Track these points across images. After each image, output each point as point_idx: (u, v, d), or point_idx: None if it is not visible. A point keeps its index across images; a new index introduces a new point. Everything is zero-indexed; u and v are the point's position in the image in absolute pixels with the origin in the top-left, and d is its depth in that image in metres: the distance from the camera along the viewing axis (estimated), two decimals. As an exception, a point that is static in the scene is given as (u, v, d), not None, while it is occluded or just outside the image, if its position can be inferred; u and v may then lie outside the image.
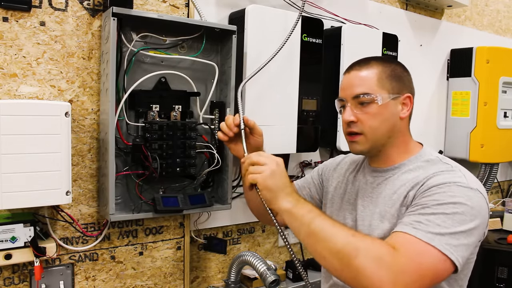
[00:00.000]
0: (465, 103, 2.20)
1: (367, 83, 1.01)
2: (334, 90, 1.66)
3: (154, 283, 1.43)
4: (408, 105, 1.04)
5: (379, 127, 1.01)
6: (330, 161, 1.28)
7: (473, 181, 0.95)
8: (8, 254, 1.10)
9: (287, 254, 1.77)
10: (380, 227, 0.99)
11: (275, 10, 1.46)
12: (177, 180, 1.37)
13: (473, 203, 0.89)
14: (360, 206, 1.06)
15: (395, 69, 1.05)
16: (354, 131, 1.02)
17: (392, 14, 2.00)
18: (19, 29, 1.15)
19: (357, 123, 1.02)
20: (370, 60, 1.05)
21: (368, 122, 1.01)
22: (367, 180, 1.08)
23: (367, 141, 1.02)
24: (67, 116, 1.12)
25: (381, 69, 1.03)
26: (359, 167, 1.15)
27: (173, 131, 1.30)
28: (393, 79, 1.03)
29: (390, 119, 1.02)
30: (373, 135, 1.02)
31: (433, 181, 0.93)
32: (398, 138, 1.04)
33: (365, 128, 1.01)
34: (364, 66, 1.03)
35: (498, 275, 1.93)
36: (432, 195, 0.91)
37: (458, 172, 0.96)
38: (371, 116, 1.00)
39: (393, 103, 1.02)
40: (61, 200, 1.13)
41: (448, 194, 0.89)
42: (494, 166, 2.33)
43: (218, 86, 1.42)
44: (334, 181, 1.19)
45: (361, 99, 1.01)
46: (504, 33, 2.65)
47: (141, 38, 1.28)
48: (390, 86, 1.02)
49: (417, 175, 0.99)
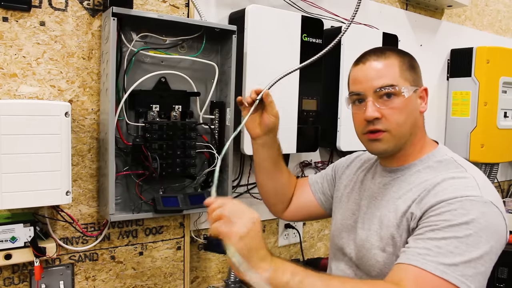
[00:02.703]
0: (465, 103, 2.20)
1: (391, 74, 0.92)
2: (334, 90, 1.66)
3: (154, 283, 1.43)
4: (424, 99, 0.97)
5: (405, 122, 0.92)
6: (345, 158, 1.24)
7: (488, 191, 0.84)
8: (8, 254, 1.10)
9: (287, 254, 1.77)
10: (378, 233, 0.94)
11: (275, 10, 1.46)
12: (177, 180, 1.37)
13: (488, 220, 0.79)
14: (363, 207, 1.03)
15: (411, 60, 0.97)
16: (378, 128, 0.92)
17: (392, 14, 2.00)
18: (19, 29, 1.15)
19: (381, 119, 0.92)
20: (385, 50, 0.97)
21: (394, 117, 0.91)
22: (375, 180, 1.04)
23: (392, 138, 0.93)
24: (67, 116, 1.12)
25: (400, 59, 0.94)
26: (370, 166, 1.10)
27: (173, 131, 1.30)
28: (412, 70, 0.95)
29: (414, 114, 0.94)
30: (398, 132, 0.92)
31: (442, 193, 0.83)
32: (417, 135, 0.96)
33: (391, 125, 0.91)
34: (381, 56, 0.94)
35: (498, 275, 1.93)
36: (442, 213, 0.80)
37: (471, 179, 0.85)
38: (397, 110, 0.91)
39: (414, 96, 0.94)
40: (61, 200, 1.13)
41: (460, 211, 0.79)
42: (494, 166, 2.33)
43: (218, 86, 1.42)
44: (345, 179, 1.15)
45: (385, 91, 0.91)
46: (504, 33, 2.65)
47: (141, 38, 1.28)
48: (411, 77, 0.94)
49: (426, 178, 0.90)
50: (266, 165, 1.19)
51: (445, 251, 0.75)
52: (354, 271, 1.03)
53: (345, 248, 1.06)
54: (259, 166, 1.21)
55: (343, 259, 1.07)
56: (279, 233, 1.73)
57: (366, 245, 0.97)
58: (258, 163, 1.21)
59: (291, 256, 1.77)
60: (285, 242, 1.75)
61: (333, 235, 1.13)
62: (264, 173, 1.20)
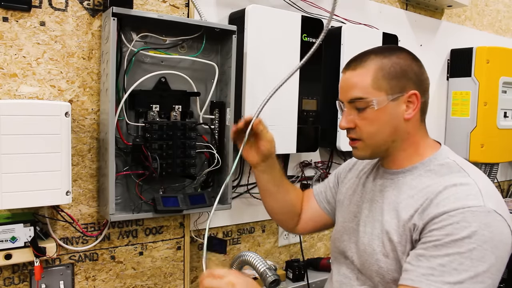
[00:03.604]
0: (465, 103, 2.20)
1: (361, 86, 0.92)
2: (334, 90, 1.65)
3: (154, 283, 1.43)
4: (414, 103, 0.93)
5: (378, 132, 0.93)
6: (347, 162, 1.24)
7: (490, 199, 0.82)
8: (8, 254, 1.10)
9: (287, 254, 1.77)
10: (380, 239, 0.93)
11: (275, 10, 1.46)
12: (177, 180, 1.37)
13: (492, 231, 0.77)
14: (365, 210, 1.02)
15: (396, 63, 0.93)
16: (353, 137, 0.96)
17: (392, 14, 2.00)
18: (19, 29, 1.15)
19: (355, 129, 0.95)
20: (369, 54, 0.95)
21: (366, 128, 0.93)
22: (376, 182, 1.03)
23: (366, 147, 0.95)
24: (67, 116, 1.12)
25: (379, 66, 0.92)
26: (372, 167, 1.10)
27: (173, 131, 1.30)
28: (392, 77, 0.92)
29: (391, 122, 0.93)
30: (372, 140, 0.94)
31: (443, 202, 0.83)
32: (405, 141, 0.95)
33: (363, 135, 0.94)
34: (359, 65, 0.94)
35: (498, 275, 1.93)
36: (444, 227, 0.79)
37: (473, 186, 0.84)
38: (368, 121, 0.93)
39: (393, 104, 0.92)
40: (61, 200, 1.13)
41: (462, 224, 0.78)
42: (494, 166, 2.33)
43: (218, 86, 1.42)
44: (348, 182, 1.15)
45: (355, 103, 0.93)
46: (504, 33, 2.65)
47: (141, 38, 1.28)
48: (388, 86, 0.91)
49: (427, 184, 0.89)
50: (271, 188, 1.18)
51: (450, 269, 0.74)
52: (356, 274, 1.02)
53: (347, 251, 1.05)
54: (264, 190, 1.20)
55: (345, 263, 1.06)
56: (279, 233, 1.73)
57: (368, 250, 0.96)
58: (262, 188, 1.20)
59: (291, 256, 1.77)
60: (285, 242, 1.75)
61: (334, 238, 1.12)
62: (270, 196, 1.20)
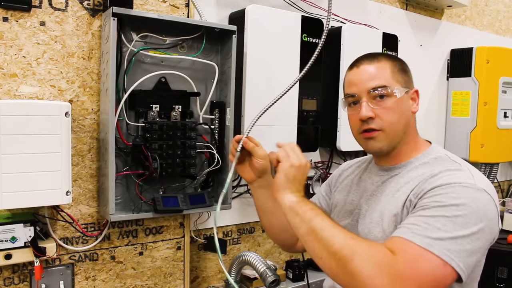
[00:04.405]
0: (465, 103, 2.20)
1: (383, 76, 0.98)
2: (334, 90, 1.66)
3: (154, 283, 1.43)
4: (416, 100, 1.02)
5: (398, 122, 0.97)
6: (336, 170, 1.26)
7: (481, 181, 0.89)
8: (8, 254, 1.10)
9: (287, 254, 1.77)
10: (380, 225, 0.96)
11: (275, 10, 1.46)
12: (177, 180, 1.37)
13: (478, 205, 0.83)
14: (364, 205, 1.04)
15: (402, 63, 1.04)
16: (372, 127, 0.97)
17: (392, 14, 2.00)
18: (19, 29, 1.15)
19: (375, 119, 0.97)
20: (377, 55, 1.03)
21: (387, 116, 0.97)
22: (373, 180, 1.06)
23: (386, 137, 0.98)
24: (67, 116, 1.12)
25: (391, 63, 1.01)
26: (365, 167, 1.13)
27: (173, 131, 1.30)
28: (403, 73, 1.01)
29: (406, 114, 0.99)
30: (392, 130, 0.97)
31: (437, 180, 0.89)
32: (410, 135, 1.02)
33: (385, 124, 0.97)
34: (374, 60, 1.00)
35: (498, 275, 1.93)
36: (434, 196, 0.86)
37: (467, 171, 0.91)
38: (389, 110, 0.96)
39: (406, 97, 1.00)
40: (61, 200, 1.13)
41: (451, 195, 0.84)
42: (494, 166, 2.33)
43: (218, 86, 1.42)
44: (340, 185, 1.18)
45: (378, 92, 0.97)
46: (504, 33, 2.65)
47: (141, 38, 1.28)
48: (402, 79, 1.00)
49: (423, 172, 0.95)
50: (269, 205, 1.16)
51: (433, 227, 0.81)
52: None
53: None
54: (261, 208, 1.18)
55: None
56: (279, 233, 1.73)
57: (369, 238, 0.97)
58: (260, 206, 1.18)
59: (291, 256, 1.77)
60: (285, 242, 1.75)
61: None
62: (268, 213, 1.18)
